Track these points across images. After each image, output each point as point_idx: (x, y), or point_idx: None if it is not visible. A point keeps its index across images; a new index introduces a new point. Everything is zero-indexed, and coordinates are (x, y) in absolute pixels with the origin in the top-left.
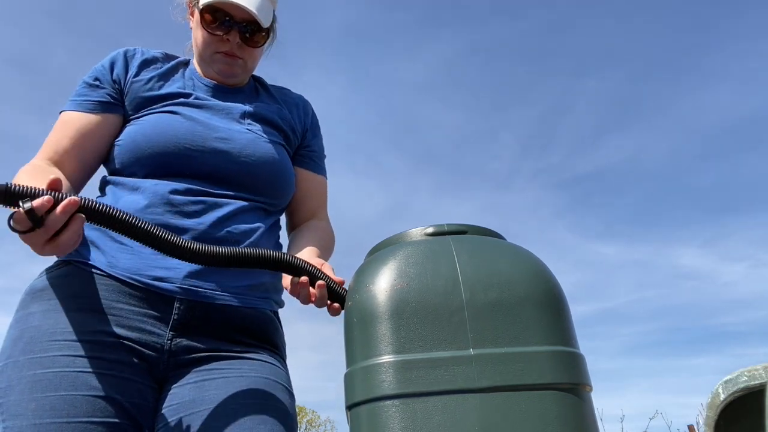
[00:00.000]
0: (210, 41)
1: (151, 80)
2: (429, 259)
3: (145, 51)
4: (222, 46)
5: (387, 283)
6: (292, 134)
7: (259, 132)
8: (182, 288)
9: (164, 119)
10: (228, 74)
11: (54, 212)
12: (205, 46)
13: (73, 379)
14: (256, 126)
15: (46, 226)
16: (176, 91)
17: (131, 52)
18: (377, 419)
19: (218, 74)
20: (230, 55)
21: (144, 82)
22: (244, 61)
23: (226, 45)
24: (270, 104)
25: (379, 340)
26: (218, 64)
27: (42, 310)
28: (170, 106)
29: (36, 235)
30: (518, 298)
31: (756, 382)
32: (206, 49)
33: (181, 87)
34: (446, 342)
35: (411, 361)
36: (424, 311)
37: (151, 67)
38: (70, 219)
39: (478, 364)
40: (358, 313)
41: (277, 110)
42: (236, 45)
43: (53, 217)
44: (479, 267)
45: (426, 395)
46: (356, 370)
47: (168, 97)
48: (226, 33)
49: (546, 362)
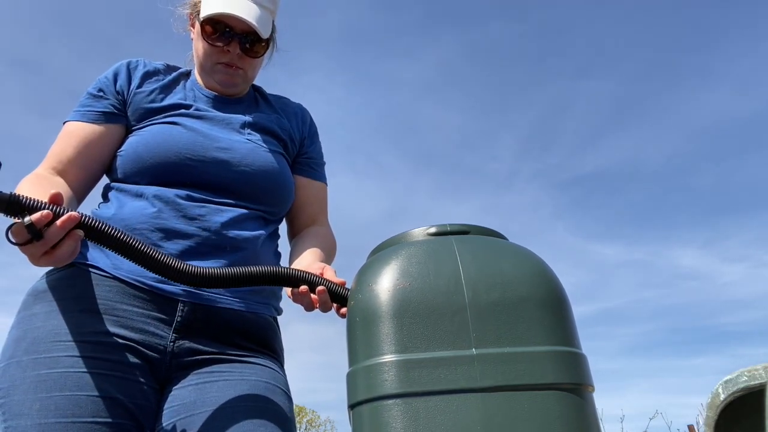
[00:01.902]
0: (211, 52)
1: (153, 92)
2: (431, 259)
3: (148, 63)
4: (222, 57)
5: (389, 283)
6: (291, 143)
7: (258, 142)
8: (185, 290)
9: (165, 130)
10: (228, 84)
11: (53, 226)
12: (206, 57)
13: (78, 380)
14: (256, 136)
15: (44, 239)
16: (177, 102)
17: (134, 63)
18: (379, 418)
19: (219, 84)
20: (231, 66)
21: (146, 94)
22: (245, 72)
23: (227, 56)
24: (269, 114)
25: (382, 339)
26: (219, 74)
27: (45, 311)
28: (171, 117)
29: (33, 247)
30: (521, 298)
31: (756, 382)
32: (207, 60)
33: (182, 98)
34: (448, 342)
35: (413, 360)
36: (427, 311)
37: (153, 79)
38: (67, 233)
39: (480, 363)
40: (360, 313)
41: (276, 119)
42: (236, 56)
43: (52, 230)
44: (482, 267)
45: (428, 395)
46: (358, 370)
47: (169, 108)
48: (226, 44)
49: (548, 362)
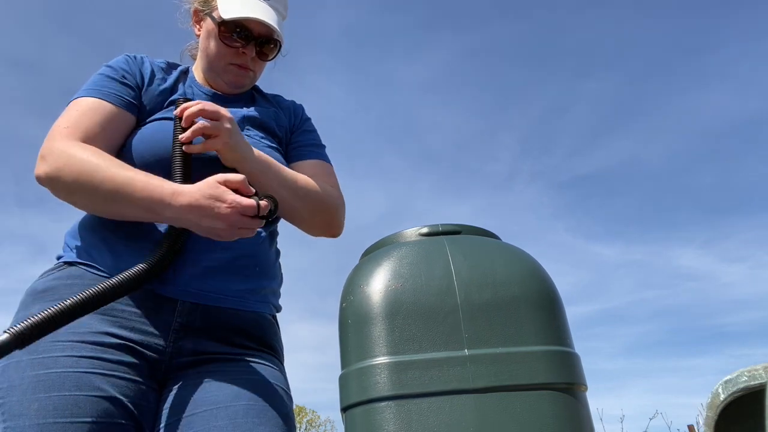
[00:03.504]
0: (226, 53)
1: (159, 91)
2: (423, 260)
3: (153, 60)
4: (237, 59)
5: (381, 284)
6: (285, 136)
7: (257, 138)
8: (185, 291)
9: (164, 126)
10: (239, 85)
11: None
12: (219, 57)
13: (77, 380)
14: (254, 132)
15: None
16: (177, 98)
17: (140, 59)
18: (372, 421)
19: (228, 84)
20: (243, 68)
21: (153, 92)
22: (254, 73)
23: (242, 58)
24: (267, 108)
25: (374, 341)
26: (230, 75)
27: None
28: (170, 113)
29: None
30: (513, 298)
31: (756, 382)
32: (220, 60)
33: (182, 95)
34: (441, 343)
35: (406, 362)
36: (419, 312)
37: (159, 77)
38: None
39: (473, 364)
40: (352, 315)
41: (273, 114)
42: (251, 58)
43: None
44: (473, 267)
45: (421, 396)
46: (351, 372)
47: (170, 104)
48: (243, 47)
49: (541, 362)
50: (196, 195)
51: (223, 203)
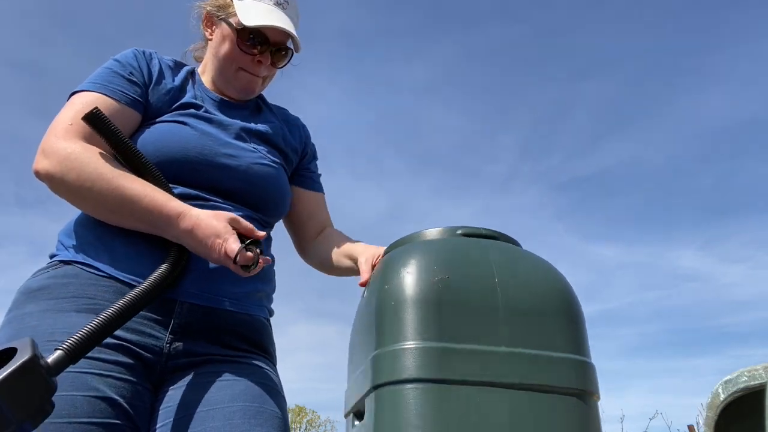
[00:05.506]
0: (240, 59)
1: (167, 90)
2: (467, 258)
3: (161, 57)
4: (250, 66)
5: (428, 273)
6: (293, 154)
7: (263, 151)
8: (185, 292)
9: (174, 129)
10: (249, 92)
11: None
12: (230, 61)
13: (73, 379)
14: (260, 144)
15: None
16: (189, 101)
17: (149, 54)
18: (402, 401)
19: (238, 90)
20: (255, 75)
21: (161, 91)
22: (264, 80)
23: (257, 65)
24: (273, 122)
25: (414, 325)
26: (241, 81)
27: (40, 310)
28: (181, 116)
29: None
30: (545, 306)
31: (756, 382)
32: (231, 64)
33: (193, 97)
34: (480, 336)
35: (443, 348)
36: (462, 305)
37: (168, 76)
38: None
39: (508, 361)
40: (395, 298)
41: (279, 129)
42: (266, 66)
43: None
44: (514, 273)
45: (455, 383)
46: (386, 353)
47: (180, 107)
48: (260, 54)
49: (567, 368)
50: (201, 224)
51: (219, 240)
